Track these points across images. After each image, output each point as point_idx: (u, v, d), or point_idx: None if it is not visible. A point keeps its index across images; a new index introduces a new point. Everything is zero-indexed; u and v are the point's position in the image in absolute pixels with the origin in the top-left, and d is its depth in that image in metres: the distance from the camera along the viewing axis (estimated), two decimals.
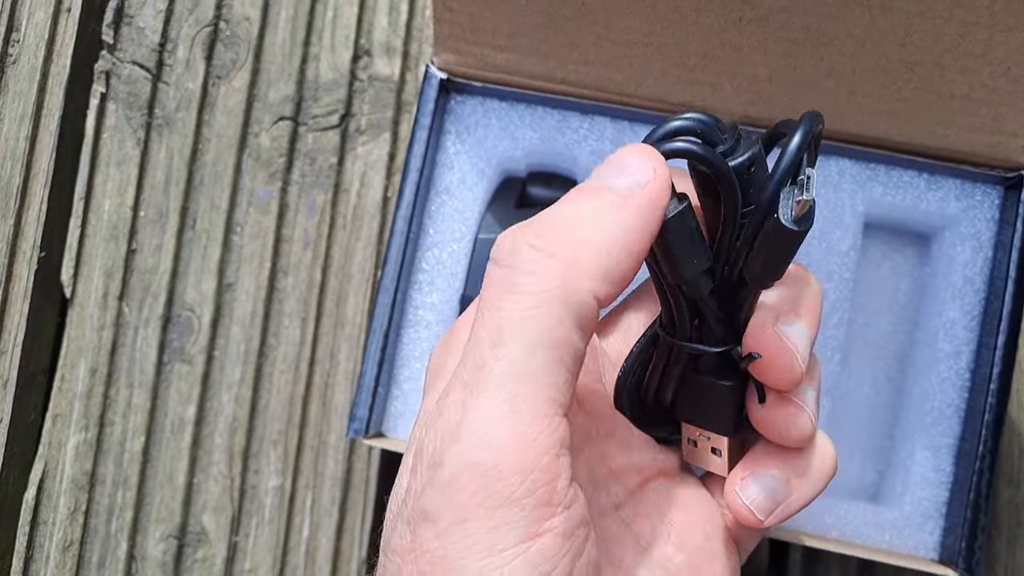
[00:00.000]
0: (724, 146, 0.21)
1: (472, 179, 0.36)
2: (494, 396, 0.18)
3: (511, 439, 0.18)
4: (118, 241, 0.42)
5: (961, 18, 0.28)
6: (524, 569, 0.17)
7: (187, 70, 0.43)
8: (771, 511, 0.24)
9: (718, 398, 0.24)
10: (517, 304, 0.19)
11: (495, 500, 0.18)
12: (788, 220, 0.20)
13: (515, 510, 0.18)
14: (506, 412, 0.18)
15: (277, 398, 0.41)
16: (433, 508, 0.18)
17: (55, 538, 0.41)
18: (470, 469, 0.18)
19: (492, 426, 0.18)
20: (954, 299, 0.35)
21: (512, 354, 0.18)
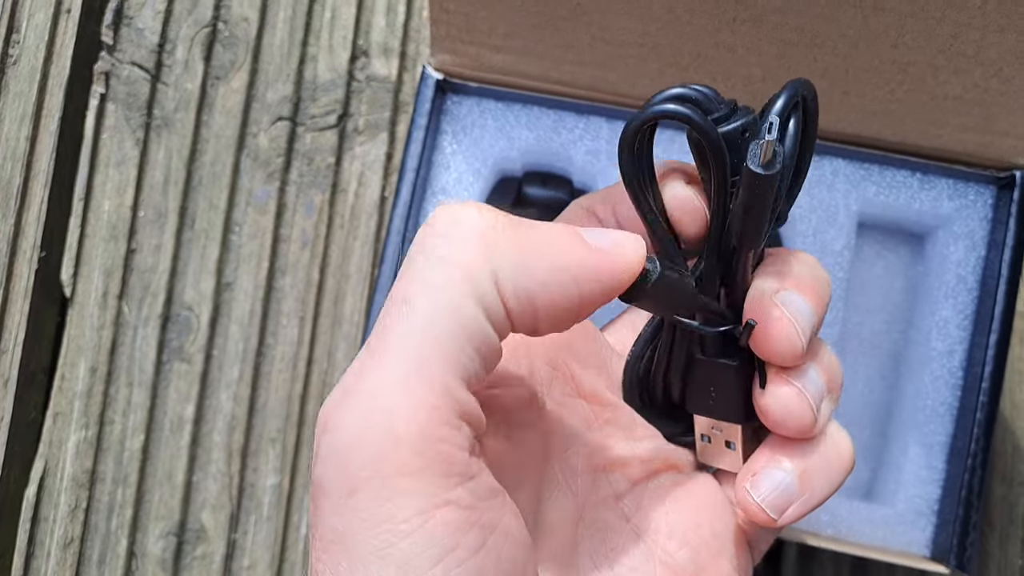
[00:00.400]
0: (718, 114, 0.21)
1: (468, 179, 0.37)
2: (392, 362, 0.17)
3: (405, 406, 0.17)
4: (117, 241, 0.42)
5: (953, 19, 0.29)
6: (425, 543, 0.16)
7: (186, 71, 0.43)
8: (783, 509, 0.23)
9: (727, 381, 0.24)
10: (426, 262, 0.18)
11: (386, 471, 0.16)
12: (755, 164, 0.20)
13: (408, 481, 0.16)
14: (400, 378, 0.17)
15: (275, 396, 0.41)
16: (324, 478, 0.17)
17: (56, 535, 0.41)
18: (359, 437, 0.17)
19: (386, 390, 0.17)
20: (947, 298, 0.35)
21: (415, 314, 0.17)
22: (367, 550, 0.16)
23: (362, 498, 0.16)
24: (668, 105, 0.21)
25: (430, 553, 0.16)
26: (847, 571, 0.39)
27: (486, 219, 0.19)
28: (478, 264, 0.18)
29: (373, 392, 0.17)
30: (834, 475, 0.24)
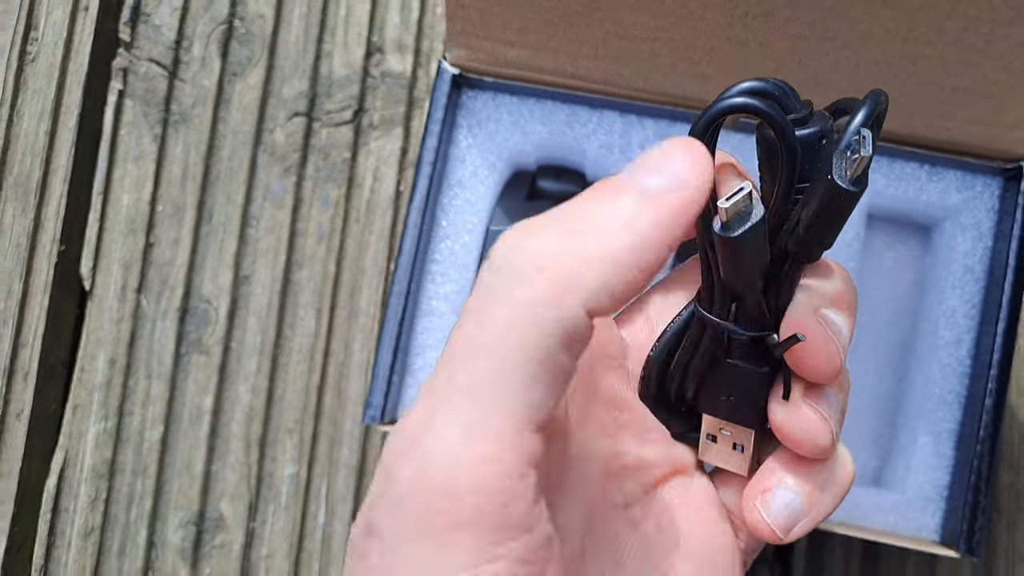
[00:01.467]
0: (797, 115, 0.20)
1: (483, 172, 0.37)
2: (457, 411, 0.17)
3: (469, 459, 0.16)
4: (136, 235, 0.43)
5: (963, 13, 0.29)
6: None
7: (203, 67, 0.44)
8: (790, 528, 0.23)
9: (750, 386, 0.23)
10: (498, 312, 0.17)
11: (444, 521, 0.16)
12: (843, 180, 0.19)
13: (466, 534, 0.16)
14: (467, 428, 0.17)
15: (293, 388, 0.42)
16: (380, 522, 0.17)
17: (76, 525, 0.41)
18: (422, 487, 0.16)
19: (450, 443, 0.16)
20: (955, 288, 0.36)
21: (481, 368, 0.17)
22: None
23: (415, 548, 0.16)
24: (745, 99, 0.20)
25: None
26: (857, 556, 0.39)
27: (541, 245, 0.18)
28: (551, 298, 0.17)
29: (436, 445, 0.17)
30: (838, 494, 0.24)
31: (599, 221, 0.18)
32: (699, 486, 0.25)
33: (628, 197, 0.18)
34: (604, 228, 0.18)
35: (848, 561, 0.39)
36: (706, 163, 0.19)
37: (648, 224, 0.18)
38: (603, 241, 0.18)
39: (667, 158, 0.19)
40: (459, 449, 0.16)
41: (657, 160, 0.19)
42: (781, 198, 0.21)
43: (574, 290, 0.17)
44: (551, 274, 0.17)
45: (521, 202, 0.38)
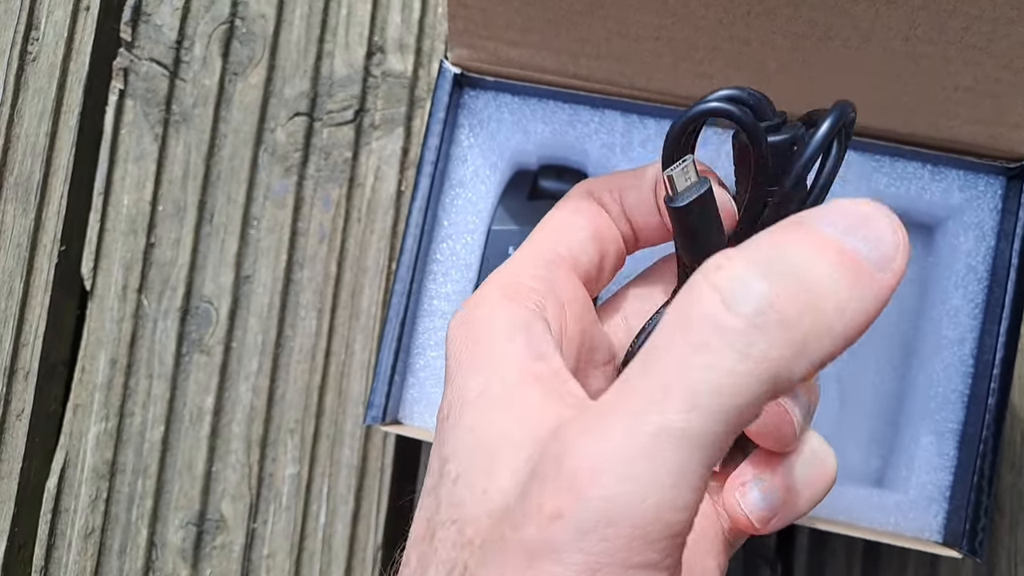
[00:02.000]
0: (770, 122, 0.21)
1: (485, 172, 0.37)
2: (670, 452, 0.16)
3: (668, 504, 0.16)
4: (137, 235, 0.43)
5: (964, 11, 0.29)
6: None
7: (204, 67, 0.44)
8: (768, 520, 0.24)
9: None
10: (732, 364, 0.16)
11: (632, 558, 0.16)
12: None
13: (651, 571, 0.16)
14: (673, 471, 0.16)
15: (294, 388, 0.42)
16: (563, 549, 0.16)
17: (77, 526, 0.41)
18: (620, 521, 0.16)
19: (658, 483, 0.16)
20: (957, 287, 0.36)
21: (701, 416, 0.16)
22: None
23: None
24: (721, 104, 0.21)
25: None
26: (859, 556, 0.39)
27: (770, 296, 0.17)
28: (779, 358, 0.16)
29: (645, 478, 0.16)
30: (817, 489, 0.24)
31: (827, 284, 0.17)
32: None
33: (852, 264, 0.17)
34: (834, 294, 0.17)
35: (850, 561, 0.39)
36: (905, 237, 0.18)
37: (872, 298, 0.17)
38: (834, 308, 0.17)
39: (877, 231, 0.18)
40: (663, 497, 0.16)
41: (867, 229, 0.18)
42: (751, 199, 0.22)
43: (803, 356, 0.17)
44: (792, 336, 0.16)
45: (523, 201, 0.38)
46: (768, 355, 0.16)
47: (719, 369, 0.16)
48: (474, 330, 0.22)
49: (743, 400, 0.16)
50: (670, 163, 0.22)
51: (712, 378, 0.16)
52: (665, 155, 0.22)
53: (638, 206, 0.25)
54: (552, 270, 0.23)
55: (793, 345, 0.16)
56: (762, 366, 0.16)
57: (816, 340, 0.17)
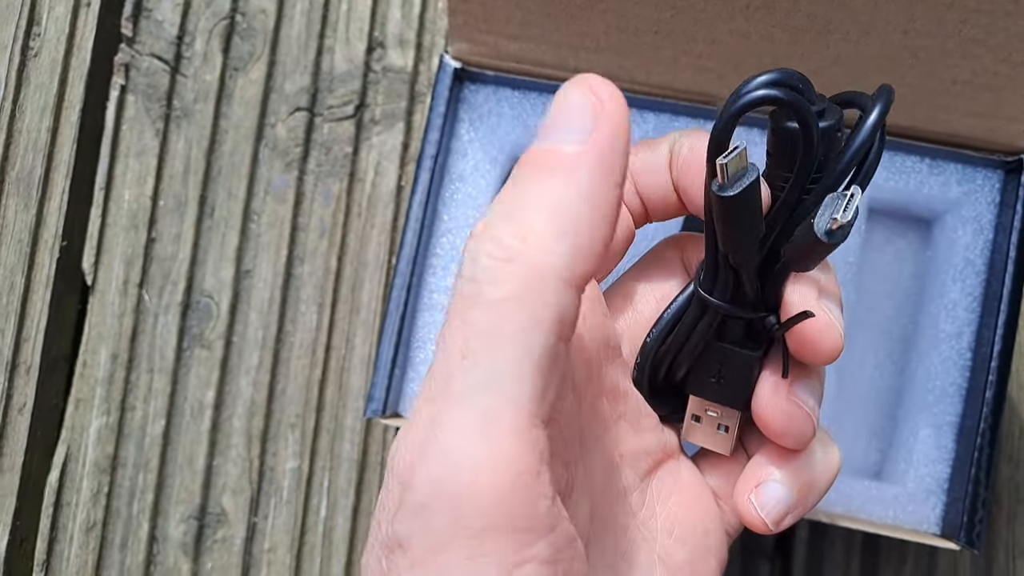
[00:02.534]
0: (816, 107, 0.21)
1: (485, 166, 0.37)
2: (464, 412, 0.17)
3: (485, 460, 0.16)
4: (138, 230, 0.43)
5: (963, 5, 0.29)
6: None
7: (205, 62, 0.44)
8: (781, 520, 0.24)
9: (741, 369, 0.24)
10: (483, 314, 0.17)
11: (471, 528, 0.16)
12: (821, 231, 0.21)
13: (493, 538, 0.16)
14: (477, 429, 0.16)
15: (294, 382, 0.42)
16: (405, 535, 0.17)
17: (78, 519, 0.42)
18: (442, 493, 0.16)
19: (463, 445, 0.16)
20: (955, 281, 0.36)
21: (480, 364, 0.17)
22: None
23: (445, 558, 0.16)
24: (773, 91, 0.20)
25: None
26: (858, 548, 0.39)
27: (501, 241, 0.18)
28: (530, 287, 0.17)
29: (452, 448, 0.16)
30: (824, 486, 0.25)
31: (536, 197, 0.18)
32: (687, 470, 0.26)
33: (550, 163, 0.18)
34: (542, 202, 0.18)
35: (848, 553, 0.39)
36: (607, 102, 0.19)
37: (580, 180, 0.18)
38: (547, 215, 0.18)
39: (567, 112, 0.19)
40: (477, 450, 0.16)
41: (560, 116, 0.19)
42: (793, 187, 0.21)
43: (545, 273, 0.17)
44: (517, 266, 0.17)
45: None
46: (507, 293, 0.17)
47: (477, 321, 0.17)
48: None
49: (512, 335, 0.17)
50: (720, 151, 0.21)
51: (474, 332, 0.17)
52: (716, 143, 0.21)
53: (651, 183, 0.24)
54: None
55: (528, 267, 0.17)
56: (510, 302, 0.17)
57: (549, 248, 0.17)
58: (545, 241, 0.17)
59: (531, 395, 0.17)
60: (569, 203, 0.18)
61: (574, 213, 0.18)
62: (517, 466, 0.16)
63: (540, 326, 0.17)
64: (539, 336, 0.17)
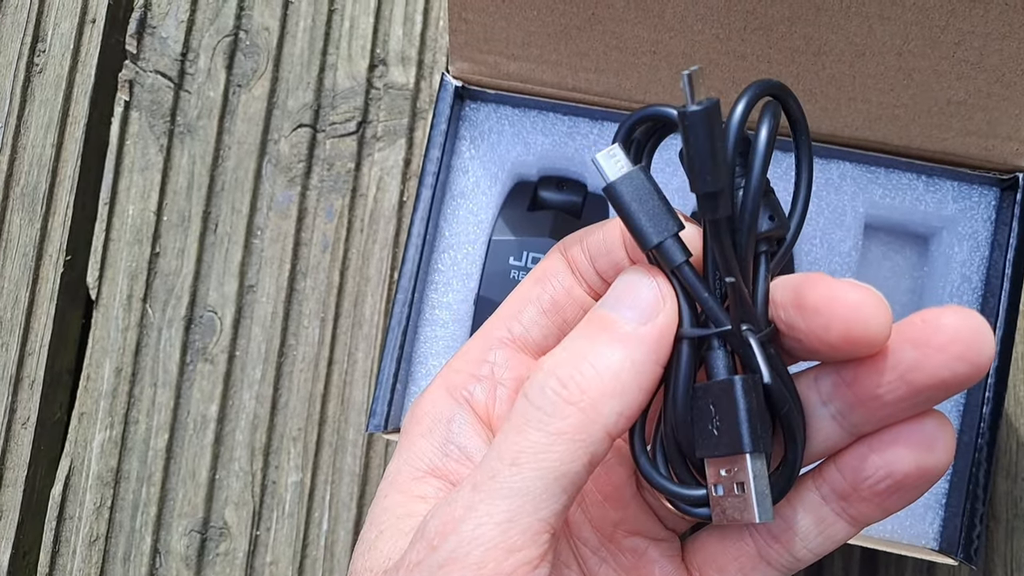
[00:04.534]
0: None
1: (486, 183, 0.38)
2: (497, 505, 0.21)
3: (499, 545, 0.20)
4: (142, 244, 0.43)
5: (957, 27, 0.30)
6: None
7: (208, 79, 0.44)
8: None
9: (726, 402, 0.21)
10: (539, 438, 0.21)
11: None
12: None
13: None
14: (502, 521, 0.21)
15: (297, 396, 0.42)
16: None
17: (81, 533, 0.42)
18: (458, 560, 0.20)
19: (487, 530, 0.21)
20: (952, 297, 0.36)
21: (523, 476, 0.21)
22: None
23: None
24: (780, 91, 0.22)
25: None
26: (856, 563, 0.39)
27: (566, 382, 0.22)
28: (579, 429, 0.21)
29: (477, 530, 0.21)
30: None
31: (601, 359, 0.22)
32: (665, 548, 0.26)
33: (617, 333, 0.22)
34: (606, 365, 0.22)
35: (847, 568, 0.39)
36: (667, 290, 0.22)
37: (639, 354, 0.22)
38: (609, 377, 0.22)
39: (635, 293, 0.22)
40: (492, 536, 0.20)
41: (627, 294, 0.23)
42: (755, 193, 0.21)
43: (597, 421, 0.21)
44: (578, 410, 0.21)
45: (523, 212, 0.38)
46: (562, 428, 0.21)
47: (531, 440, 0.21)
48: (411, 420, 0.26)
49: (555, 460, 0.21)
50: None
51: (527, 447, 0.21)
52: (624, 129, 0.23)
53: (609, 264, 0.25)
54: (499, 353, 0.26)
55: (583, 412, 0.21)
56: (563, 435, 0.21)
57: (603, 404, 0.21)
58: (602, 398, 0.21)
59: (553, 509, 0.21)
60: (624, 372, 0.22)
61: (625, 382, 0.21)
62: (522, 557, 0.20)
63: (578, 462, 0.21)
64: (574, 468, 0.21)
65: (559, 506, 0.21)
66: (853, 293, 0.20)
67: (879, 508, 0.23)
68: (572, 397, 0.22)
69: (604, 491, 0.26)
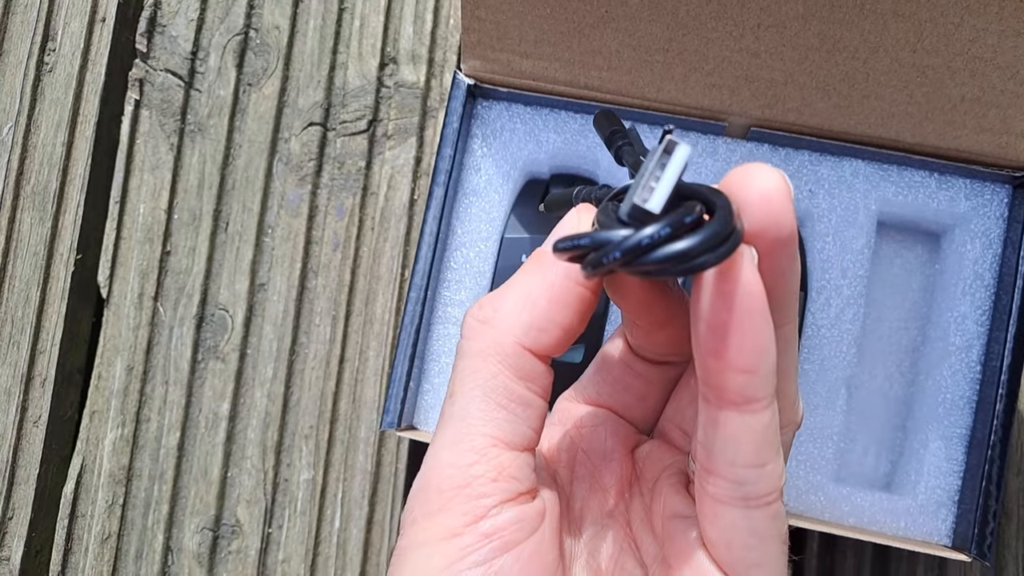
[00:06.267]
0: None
1: (498, 181, 0.38)
2: (443, 433, 0.23)
3: (450, 465, 0.23)
4: (153, 243, 0.43)
5: (971, 24, 0.30)
6: (442, 559, 0.22)
7: (219, 77, 0.44)
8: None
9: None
10: (462, 364, 0.23)
11: (433, 507, 0.22)
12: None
13: (446, 516, 0.22)
14: (448, 444, 0.23)
15: (308, 394, 0.42)
16: (407, 510, 0.23)
17: (94, 531, 0.42)
18: (425, 485, 0.23)
19: (440, 455, 0.23)
20: (965, 295, 0.36)
21: (458, 401, 0.23)
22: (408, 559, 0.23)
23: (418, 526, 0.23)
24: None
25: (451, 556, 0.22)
26: (869, 560, 0.39)
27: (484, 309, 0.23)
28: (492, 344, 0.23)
29: (434, 454, 0.23)
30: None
31: (520, 284, 0.23)
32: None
33: (537, 262, 0.23)
34: (517, 283, 0.23)
35: (859, 564, 0.39)
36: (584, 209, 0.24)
37: (554, 273, 0.23)
38: (516, 291, 0.23)
39: (565, 224, 0.24)
40: (444, 458, 0.23)
41: (560, 228, 0.24)
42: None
43: (509, 332, 0.23)
44: (488, 327, 0.23)
45: (534, 210, 0.38)
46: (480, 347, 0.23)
47: (459, 368, 0.23)
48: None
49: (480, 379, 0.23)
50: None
51: (457, 377, 0.23)
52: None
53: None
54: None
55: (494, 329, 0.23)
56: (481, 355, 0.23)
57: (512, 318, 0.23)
58: (511, 313, 0.23)
59: (495, 424, 0.23)
60: (535, 288, 0.23)
61: (534, 296, 0.23)
62: (473, 472, 0.22)
63: (502, 375, 0.23)
64: (502, 382, 0.23)
65: (500, 419, 0.23)
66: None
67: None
68: (485, 316, 0.23)
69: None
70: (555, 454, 0.27)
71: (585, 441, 0.27)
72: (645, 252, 0.18)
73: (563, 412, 0.28)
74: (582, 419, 0.27)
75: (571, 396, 0.28)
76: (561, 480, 0.26)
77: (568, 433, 0.27)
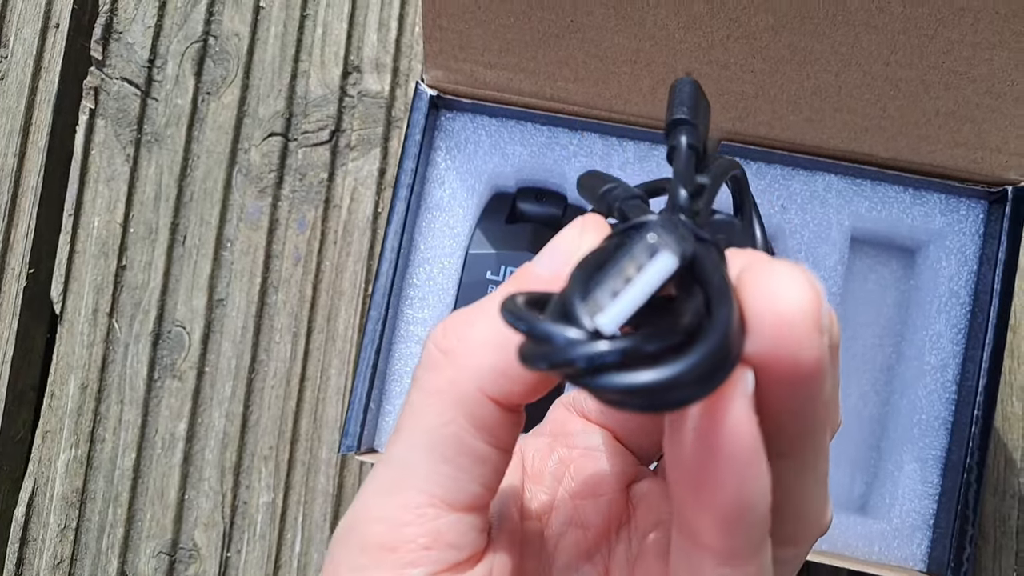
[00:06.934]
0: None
1: (462, 195, 0.37)
2: (379, 477, 0.19)
3: (380, 521, 0.19)
4: (108, 257, 0.42)
5: (945, 36, 0.29)
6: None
7: (176, 86, 0.43)
8: None
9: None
10: (415, 398, 0.19)
11: (356, 563, 0.19)
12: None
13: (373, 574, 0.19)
14: (381, 492, 0.19)
15: (268, 414, 0.41)
16: (331, 553, 0.20)
17: (45, 556, 0.40)
18: (349, 531, 0.19)
19: (371, 503, 0.19)
20: (940, 312, 0.35)
21: (399, 444, 0.19)
22: None
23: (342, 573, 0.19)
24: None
25: None
26: None
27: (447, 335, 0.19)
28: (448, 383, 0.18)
29: (365, 498, 0.19)
30: None
31: (488, 309, 0.18)
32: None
33: (514, 282, 0.19)
34: (490, 314, 0.18)
35: None
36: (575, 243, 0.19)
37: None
38: (488, 326, 0.18)
39: (544, 252, 0.19)
40: (374, 510, 0.19)
41: (549, 244, 0.19)
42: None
43: (469, 373, 0.18)
44: (449, 360, 0.18)
45: (501, 225, 0.37)
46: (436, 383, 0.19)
47: (410, 401, 0.19)
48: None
49: (429, 422, 0.18)
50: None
51: (407, 410, 0.19)
52: None
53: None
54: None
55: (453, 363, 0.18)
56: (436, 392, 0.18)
57: (479, 354, 0.18)
58: (480, 348, 0.18)
59: (437, 480, 0.18)
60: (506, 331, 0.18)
61: (507, 336, 0.18)
62: (406, 534, 0.18)
63: (453, 424, 0.18)
64: (452, 431, 0.18)
65: (444, 475, 0.18)
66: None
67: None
68: (448, 347, 0.19)
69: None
70: (537, 473, 0.23)
71: (576, 465, 0.23)
72: (589, 374, 0.13)
73: (556, 423, 0.24)
74: (576, 438, 0.23)
75: (568, 405, 0.24)
76: (536, 507, 0.22)
77: (557, 451, 0.23)
